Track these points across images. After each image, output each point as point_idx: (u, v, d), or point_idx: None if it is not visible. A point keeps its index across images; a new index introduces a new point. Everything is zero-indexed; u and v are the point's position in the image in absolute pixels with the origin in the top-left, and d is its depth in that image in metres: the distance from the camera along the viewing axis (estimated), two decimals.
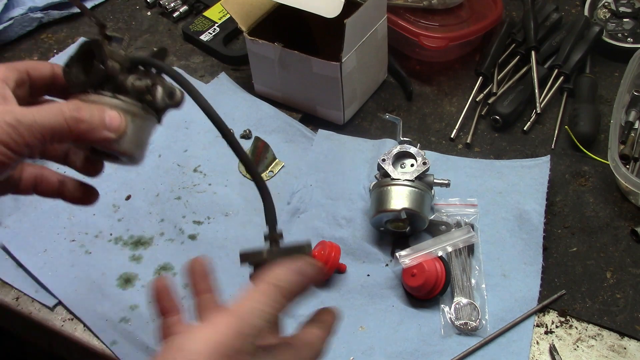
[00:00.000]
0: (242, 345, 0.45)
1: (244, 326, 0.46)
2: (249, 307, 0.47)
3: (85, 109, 0.51)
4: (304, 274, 0.50)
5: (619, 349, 0.75)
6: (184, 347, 0.44)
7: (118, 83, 0.55)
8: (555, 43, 1.10)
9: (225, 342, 0.44)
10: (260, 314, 0.47)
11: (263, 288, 0.48)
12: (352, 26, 0.90)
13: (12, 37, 1.20)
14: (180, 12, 1.25)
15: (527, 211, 0.87)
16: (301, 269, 0.50)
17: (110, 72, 0.54)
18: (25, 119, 0.48)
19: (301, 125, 1.02)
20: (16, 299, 0.83)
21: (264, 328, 0.47)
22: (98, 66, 0.53)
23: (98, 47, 0.54)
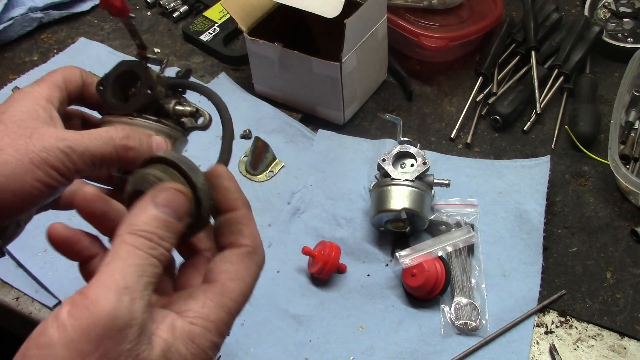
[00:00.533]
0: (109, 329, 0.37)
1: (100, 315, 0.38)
2: (122, 267, 0.39)
3: (134, 137, 0.51)
4: (175, 209, 0.42)
5: (619, 349, 0.75)
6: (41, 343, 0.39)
7: (159, 106, 0.55)
8: (555, 43, 1.10)
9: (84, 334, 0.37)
10: (138, 273, 0.39)
11: (132, 238, 0.41)
12: (352, 26, 0.90)
13: (12, 37, 1.20)
14: (180, 12, 1.25)
15: (527, 211, 0.87)
16: (170, 201, 0.42)
17: (157, 97, 0.54)
18: (77, 146, 0.48)
19: (301, 125, 1.02)
20: (16, 299, 0.83)
21: (147, 289, 0.39)
22: (145, 91, 0.53)
23: (145, 72, 0.54)
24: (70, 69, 0.55)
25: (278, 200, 0.93)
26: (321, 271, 0.81)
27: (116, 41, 1.21)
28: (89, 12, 1.28)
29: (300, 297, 0.82)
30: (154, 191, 0.42)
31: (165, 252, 0.41)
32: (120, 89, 0.55)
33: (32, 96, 0.50)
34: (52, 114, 0.50)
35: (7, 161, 0.46)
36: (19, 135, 0.47)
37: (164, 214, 0.41)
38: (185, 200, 0.43)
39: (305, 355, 0.76)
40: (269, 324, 0.79)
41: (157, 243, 0.41)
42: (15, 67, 1.16)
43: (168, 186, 0.43)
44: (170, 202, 0.42)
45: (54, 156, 0.47)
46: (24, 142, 0.47)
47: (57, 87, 0.53)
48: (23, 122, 0.48)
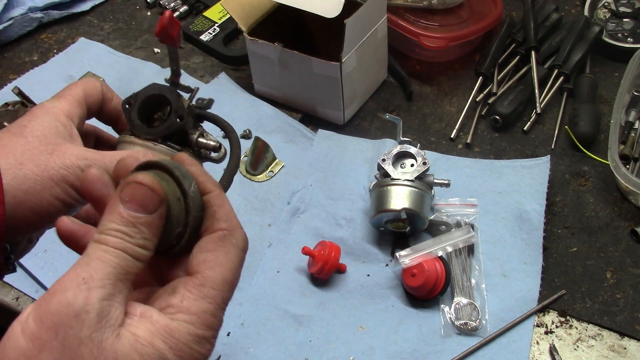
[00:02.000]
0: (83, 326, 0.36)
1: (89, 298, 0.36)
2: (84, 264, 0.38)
3: None
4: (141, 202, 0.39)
5: (619, 349, 0.75)
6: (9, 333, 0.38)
7: (183, 135, 0.55)
8: (555, 43, 1.10)
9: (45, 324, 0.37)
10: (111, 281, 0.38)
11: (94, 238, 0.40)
12: (352, 26, 0.90)
13: (12, 37, 1.20)
14: (180, 12, 1.25)
15: (527, 211, 0.87)
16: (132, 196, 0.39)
17: (186, 128, 0.53)
18: (93, 157, 0.48)
19: (301, 125, 1.02)
20: (16, 299, 0.83)
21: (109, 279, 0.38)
22: (175, 120, 0.53)
23: (178, 100, 0.53)
24: (92, 83, 0.55)
25: (278, 200, 0.93)
26: (321, 271, 0.81)
27: (116, 41, 1.21)
28: (89, 12, 1.28)
29: (300, 297, 0.82)
30: (119, 188, 0.40)
31: (136, 247, 0.39)
32: (146, 111, 0.54)
33: (53, 112, 0.50)
34: (72, 131, 0.50)
35: (27, 176, 0.45)
36: (40, 151, 0.47)
37: (128, 209, 0.39)
38: (151, 193, 0.39)
39: (305, 355, 0.76)
40: (269, 324, 0.79)
41: (124, 239, 0.39)
42: (15, 67, 1.16)
43: (131, 179, 0.40)
44: (134, 197, 0.39)
45: (74, 174, 0.47)
46: (44, 158, 0.46)
47: (78, 102, 0.52)
48: (45, 137, 0.48)
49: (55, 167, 0.47)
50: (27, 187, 0.46)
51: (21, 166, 0.46)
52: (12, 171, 0.45)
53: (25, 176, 0.46)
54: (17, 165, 0.46)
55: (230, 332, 0.78)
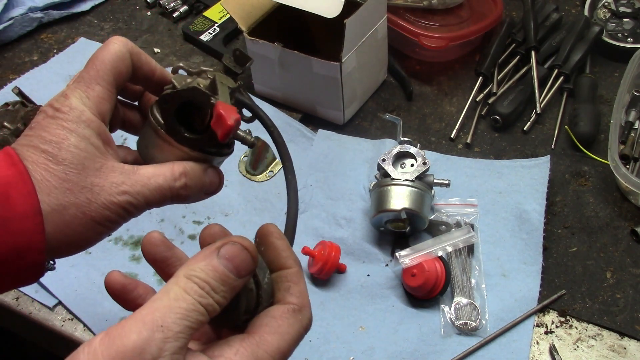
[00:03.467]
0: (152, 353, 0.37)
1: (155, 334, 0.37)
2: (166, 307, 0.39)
3: (191, 185, 0.49)
4: (236, 263, 0.41)
5: (619, 349, 0.75)
6: None
7: None
8: (555, 43, 1.10)
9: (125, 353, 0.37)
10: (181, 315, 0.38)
11: (185, 282, 0.40)
12: (352, 26, 0.90)
13: (12, 37, 1.20)
14: (180, 12, 1.25)
15: (527, 211, 0.87)
16: (232, 255, 0.41)
17: None
18: (137, 202, 0.47)
19: (301, 125, 1.02)
20: (16, 299, 0.83)
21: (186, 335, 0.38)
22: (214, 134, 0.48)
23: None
24: (119, 54, 0.49)
25: (278, 200, 0.93)
26: (321, 271, 0.81)
27: None
28: (89, 12, 1.28)
29: None
30: (220, 242, 0.42)
31: (214, 303, 0.40)
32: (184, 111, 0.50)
33: (85, 121, 0.45)
34: (106, 138, 0.47)
35: (71, 220, 0.44)
36: (80, 188, 0.44)
37: (223, 266, 0.40)
38: (250, 259, 0.42)
39: (305, 355, 0.76)
40: None
41: (208, 292, 0.40)
42: (15, 67, 1.16)
43: (235, 240, 0.42)
44: (233, 257, 0.41)
45: (116, 213, 0.46)
46: (86, 199, 0.44)
47: (109, 93, 0.48)
48: (83, 166, 0.44)
49: (98, 208, 0.45)
50: (70, 232, 0.44)
51: (64, 211, 0.44)
52: (55, 216, 0.43)
53: (69, 221, 0.44)
54: (61, 209, 0.43)
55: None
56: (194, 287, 0.39)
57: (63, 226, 0.44)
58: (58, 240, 0.44)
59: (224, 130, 0.46)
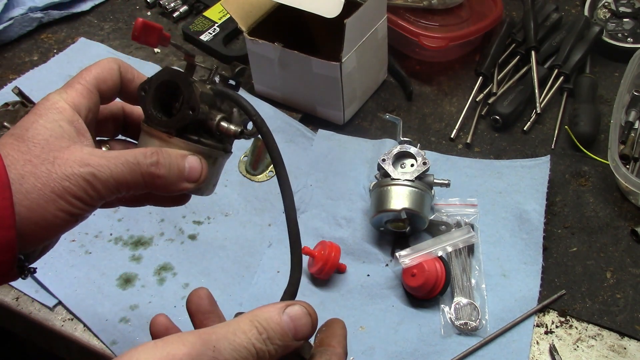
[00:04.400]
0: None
1: (206, 351, 0.39)
2: (223, 334, 0.41)
3: (164, 163, 0.48)
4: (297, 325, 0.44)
5: (619, 349, 0.75)
6: None
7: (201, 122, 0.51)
8: (555, 43, 1.10)
9: None
10: (233, 346, 0.40)
11: (247, 323, 0.42)
12: (352, 26, 0.90)
13: (12, 37, 1.20)
14: (180, 12, 1.25)
15: (527, 211, 0.87)
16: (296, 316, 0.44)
17: (199, 118, 0.49)
18: (101, 174, 0.46)
19: (301, 125, 1.02)
20: (16, 299, 0.83)
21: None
22: (186, 112, 0.49)
23: (188, 88, 0.49)
24: (106, 66, 0.52)
25: (278, 200, 0.93)
26: (321, 271, 0.81)
27: (116, 41, 1.21)
28: (89, 12, 1.28)
29: (300, 297, 0.81)
30: (290, 302, 0.45)
31: (266, 352, 0.42)
32: (162, 98, 0.51)
33: (57, 108, 0.47)
34: (79, 126, 0.48)
35: (29, 191, 0.44)
36: (42, 160, 0.45)
37: (285, 323, 0.43)
38: (310, 326, 0.44)
39: None
40: None
41: (264, 340, 0.42)
42: (15, 67, 1.16)
43: (303, 304, 0.45)
44: (297, 318, 0.44)
45: (77, 185, 0.45)
46: (46, 170, 0.44)
47: (88, 91, 0.50)
48: (47, 142, 0.45)
49: (57, 178, 0.45)
50: (29, 203, 0.44)
51: (23, 180, 0.44)
52: (15, 187, 0.43)
53: (27, 191, 0.44)
54: (19, 179, 0.44)
55: None
56: (253, 330, 0.41)
57: (22, 196, 0.44)
58: (19, 215, 0.43)
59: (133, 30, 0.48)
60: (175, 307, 0.81)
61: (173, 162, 0.49)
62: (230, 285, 0.83)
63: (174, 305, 0.81)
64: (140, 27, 0.49)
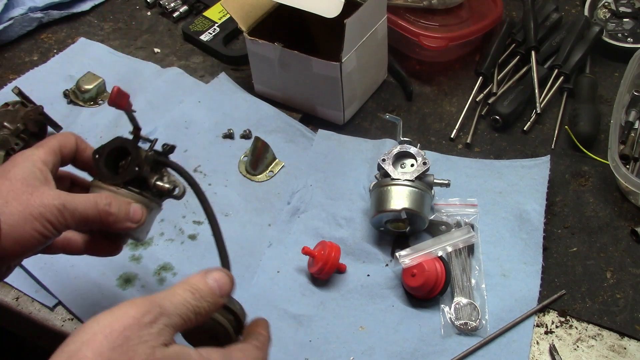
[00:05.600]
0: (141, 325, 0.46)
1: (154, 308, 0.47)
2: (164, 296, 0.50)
3: (114, 204, 0.62)
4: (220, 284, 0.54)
5: (619, 349, 0.75)
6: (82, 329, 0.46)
7: (143, 179, 0.66)
8: (555, 43, 1.10)
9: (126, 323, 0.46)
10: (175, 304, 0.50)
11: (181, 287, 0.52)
12: (352, 26, 0.90)
13: (12, 37, 1.20)
14: (180, 12, 1.25)
15: (527, 211, 0.87)
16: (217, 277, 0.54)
17: (142, 175, 0.65)
18: (69, 205, 0.59)
19: (301, 125, 1.02)
20: (16, 299, 0.83)
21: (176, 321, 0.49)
22: (133, 169, 0.64)
23: (136, 151, 0.65)
24: (67, 137, 0.66)
25: (278, 200, 0.93)
26: (321, 271, 0.81)
27: (116, 41, 1.21)
28: (89, 12, 1.28)
29: (300, 297, 0.82)
30: (209, 269, 0.54)
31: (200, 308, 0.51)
32: (112, 160, 0.66)
33: (32, 159, 0.61)
34: (47, 175, 0.61)
35: (12, 212, 0.56)
36: (22, 192, 0.58)
37: (211, 283, 0.53)
38: (229, 283, 0.55)
39: (305, 355, 0.76)
40: (269, 324, 0.79)
41: (198, 298, 0.51)
42: (15, 67, 1.16)
43: (220, 269, 0.55)
44: (218, 279, 0.54)
45: (50, 212, 0.58)
46: (26, 198, 0.57)
47: (53, 151, 0.63)
48: (25, 180, 0.59)
49: (35, 205, 0.57)
50: (12, 222, 0.56)
51: (7, 204, 0.56)
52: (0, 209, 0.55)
53: (11, 212, 0.56)
54: (4, 203, 0.56)
55: None
56: (187, 292, 0.51)
57: (6, 216, 0.56)
58: (4, 234, 0.55)
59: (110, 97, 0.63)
60: None
61: (121, 206, 0.63)
62: None
63: None
64: (116, 93, 0.63)
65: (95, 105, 1.08)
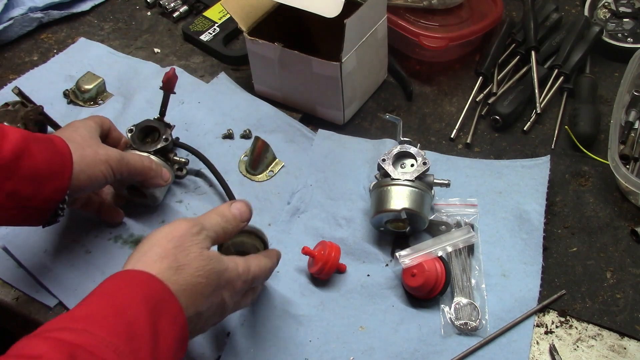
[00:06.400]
0: (191, 234, 0.63)
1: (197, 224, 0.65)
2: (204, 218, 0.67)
3: (154, 164, 0.85)
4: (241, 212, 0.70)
5: (619, 349, 0.75)
6: (148, 238, 0.63)
7: (166, 152, 0.91)
8: (555, 43, 1.10)
9: (181, 232, 0.63)
10: (211, 223, 0.67)
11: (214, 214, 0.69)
12: (352, 26, 0.90)
13: (12, 37, 1.20)
14: (180, 12, 1.25)
15: (527, 211, 0.87)
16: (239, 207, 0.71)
17: (169, 147, 0.91)
18: (125, 158, 0.80)
19: (301, 125, 1.02)
20: (16, 299, 0.83)
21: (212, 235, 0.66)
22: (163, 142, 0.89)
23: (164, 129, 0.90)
24: (104, 118, 0.86)
25: (278, 200, 0.93)
26: (321, 271, 0.81)
27: (116, 41, 1.21)
28: (89, 12, 1.28)
29: (300, 297, 0.82)
30: (233, 201, 0.71)
31: (223, 230, 0.68)
32: (142, 136, 0.90)
33: (89, 124, 0.81)
34: (99, 138, 0.82)
35: (87, 155, 0.75)
36: (91, 143, 0.78)
37: (235, 211, 0.70)
38: (248, 212, 0.71)
39: (305, 355, 0.76)
40: (269, 324, 0.79)
41: (225, 221, 0.68)
42: (15, 67, 1.16)
43: (242, 200, 0.71)
44: (240, 208, 0.70)
45: (113, 159, 0.78)
46: (95, 147, 0.77)
47: (99, 124, 0.84)
48: (91, 136, 0.79)
49: (103, 153, 0.77)
50: (86, 162, 0.74)
51: (83, 150, 0.75)
52: (78, 152, 0.74)
53: (86, 155, 0.75)
54: (80, 148, 0.75)
55: (230, 332, 0.78)
56: (218, 217, 0.68)
57: (81, 157, 0.74)
58: (79, 167, 0.73)
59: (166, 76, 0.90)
60: None
61: (158, 166, 0.86)
62: None
63: None
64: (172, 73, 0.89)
65: (95, 105, 1.08)
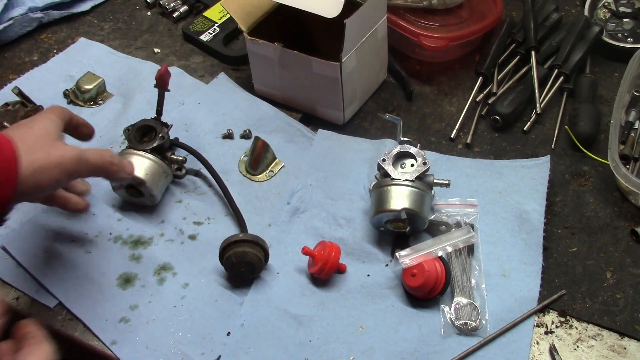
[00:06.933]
0: None
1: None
2: None
3: (116, 157, 0.77)
4: None
5: (619, 349, 0.75)
6: None
7: (162, 150, 0.89)
8: (555, 43, 1.10)
9: None
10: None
11: None
12: (352, 26, 0.90)
13: (12, 37, 1.20)
14: (180, 12, 1.25)
15: (527, 211, 0.87)
16: None
17: (165, 145, 0.89)
18: (82, 156, 0.70)
19: (301, 125, 1.02)
20: (16, 299, 0.83)
21: None
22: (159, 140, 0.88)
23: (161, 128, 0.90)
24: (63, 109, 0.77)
25: (278, 200, 0.93)
26: (321, 271, 0.81)
27: (116, 41, 1.21)
28: (89, 12, 1.28)
29: (300, 297, 0.82)
30: None
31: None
32: (140, 135, 0.89)
33: (49, 117, 0.73)
34: (60, 133, 0.73)
35: (37, 159, 0.66)
36: (44, 143, 0.69)
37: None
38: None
39: (305, 355, 0.76)
40: (269, 324, 0.79)
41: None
42: (15, 67, 1.16)
43: None
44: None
45: (69, 161, 0.69)
46: (48, 148, 0.68)
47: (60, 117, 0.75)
48: (47, 133, 0.70)
49: (56, 155, 0.68)
50: (34, 168, 0.66)
51: (33, 152, 0.66)
52: (27, 155, 0.65)
53: (36, 159, 0.66)
54: (30, 151, 0.66)
55: (230, 332, 0.78)
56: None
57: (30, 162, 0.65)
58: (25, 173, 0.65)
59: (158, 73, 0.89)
60: (175, 307, 0.81)
61: (121, 160, 0.79)
62: (230, 285, 0.83)
63: (174, 305, 0.81)
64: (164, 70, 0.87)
65: (95, 105, 1.08)
